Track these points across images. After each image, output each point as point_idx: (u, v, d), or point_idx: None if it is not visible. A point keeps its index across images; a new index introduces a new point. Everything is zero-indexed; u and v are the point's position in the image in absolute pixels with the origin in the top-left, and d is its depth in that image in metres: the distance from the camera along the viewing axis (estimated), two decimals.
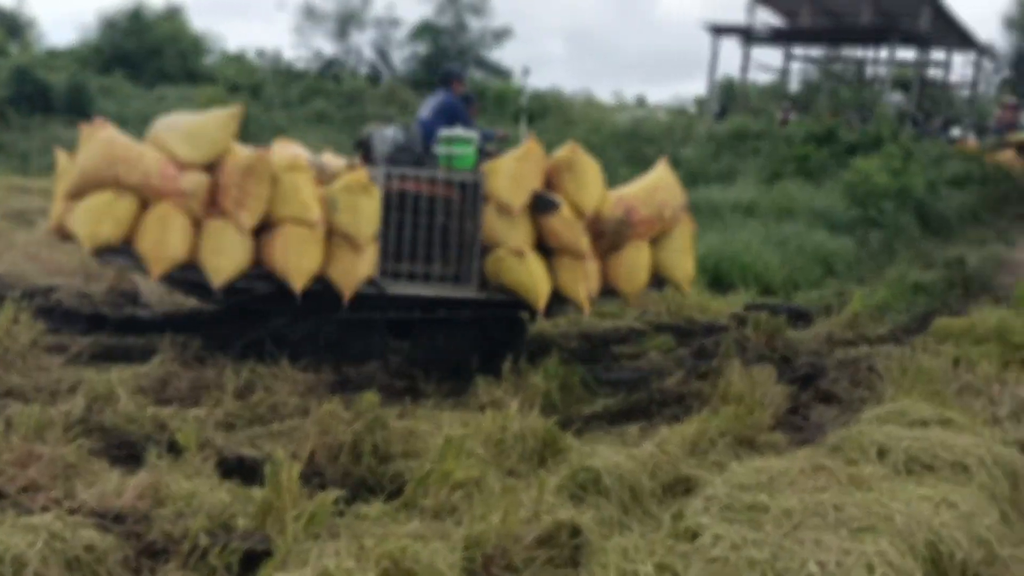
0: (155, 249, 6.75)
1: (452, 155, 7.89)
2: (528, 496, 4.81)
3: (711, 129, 21.80)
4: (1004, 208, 17.42)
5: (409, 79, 31.57)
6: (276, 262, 6.98)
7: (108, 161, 6.72)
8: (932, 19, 25.82)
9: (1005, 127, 21.32)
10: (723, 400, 7.17)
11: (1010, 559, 4.69)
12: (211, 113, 7.30)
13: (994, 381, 8.53)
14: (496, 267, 7.73)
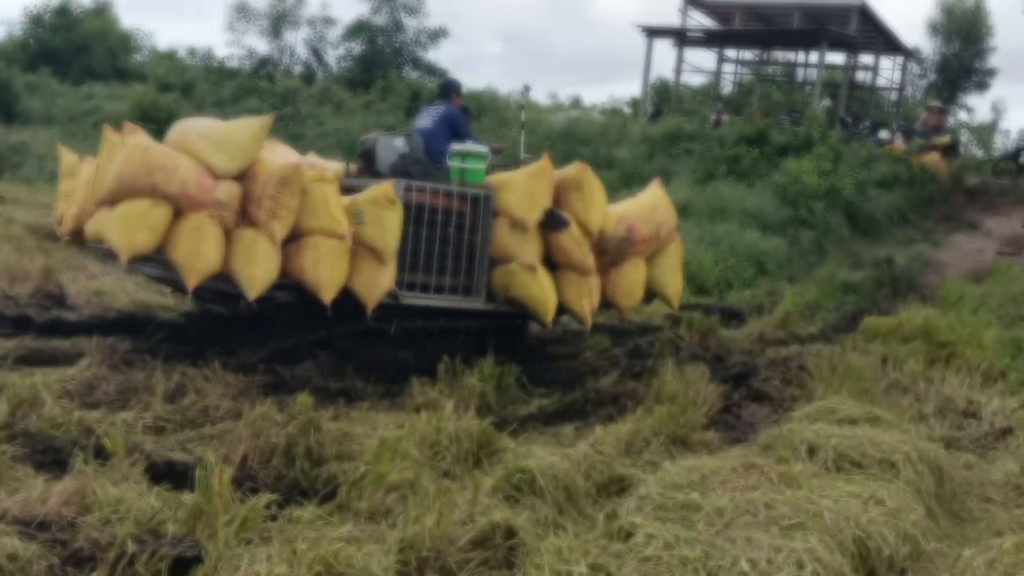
0: (191, 259, 6.66)
1: (465, 169, 8.03)
2: (463, 497, 4.80)
3: (645, 130, 21.96)
4: (930, 209, 17.82)
5: (344, 78, 31.33)
6: (306, 273, 6.96)
7: (146, 169, 6.62)
8: (861, 24, 26.31)
9: (931, 130, 21.79)
10: (657, 399, 7.22)
11: (935, 554, 4.79)
12: (242, 122, 7.20)
13: (920, 379, 8.74)
14: (507, 280, 7.91)
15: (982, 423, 7.68)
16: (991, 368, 9.07)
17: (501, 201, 7.89)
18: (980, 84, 38.73)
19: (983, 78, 38.60)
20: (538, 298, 7.91)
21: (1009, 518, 5.52)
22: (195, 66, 31.83)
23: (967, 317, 10.81)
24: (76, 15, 33.12)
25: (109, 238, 6.66)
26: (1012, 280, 13.33)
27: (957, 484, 5.94)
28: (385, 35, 32.57)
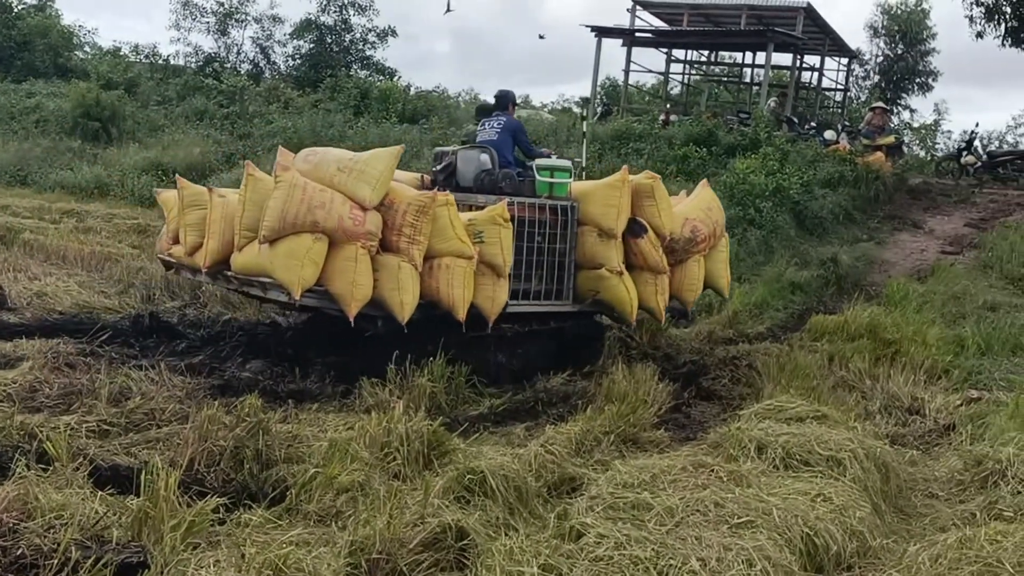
0: (351, 290, 6.97)
1: (554, 183, 8.51)
2: (414, 499, 4.79)
3: (594, 130, 22.00)
4: (875, 209, 18.04)
5: (291, 77, 31.07)
6: (440, 294, 7.33)
7: (307, 207, 6.88)
8: (806, 26, 26.60)
9: (875, 130, 22.04)
10: (608, 399, 7.25)
11: (881, 550, 4.86)
12: (377, 153, 7.44)
13: (866, 376, 8.85)
14: (596, 284, 8.48)
15: (926, 420, 7.80)
16: (935, 365, 9.22)
17: (585, 211, 8.41)
18: (923, 85, 39.33)
19: (926, 79, 39.22)
20: (624, 300, 8.46)
21: (953, 513, 5.61)
22: (139, 63, 31.34)
23: (911, 315, 10.97)
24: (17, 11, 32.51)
25: (278, 275, 6.90)
26: (954, 279, 13.54)
27: (902, 480, 6.03)
28: (333, 34, 32.34)
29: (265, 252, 6.96)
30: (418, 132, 22.01)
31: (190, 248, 7.73)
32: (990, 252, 15.34)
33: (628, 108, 27.78)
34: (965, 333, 10.53)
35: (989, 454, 6.18)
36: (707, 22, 29.24)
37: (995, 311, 11.82)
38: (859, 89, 38.24)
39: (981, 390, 8.71)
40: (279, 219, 6.88)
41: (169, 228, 8.22)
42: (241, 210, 7.20)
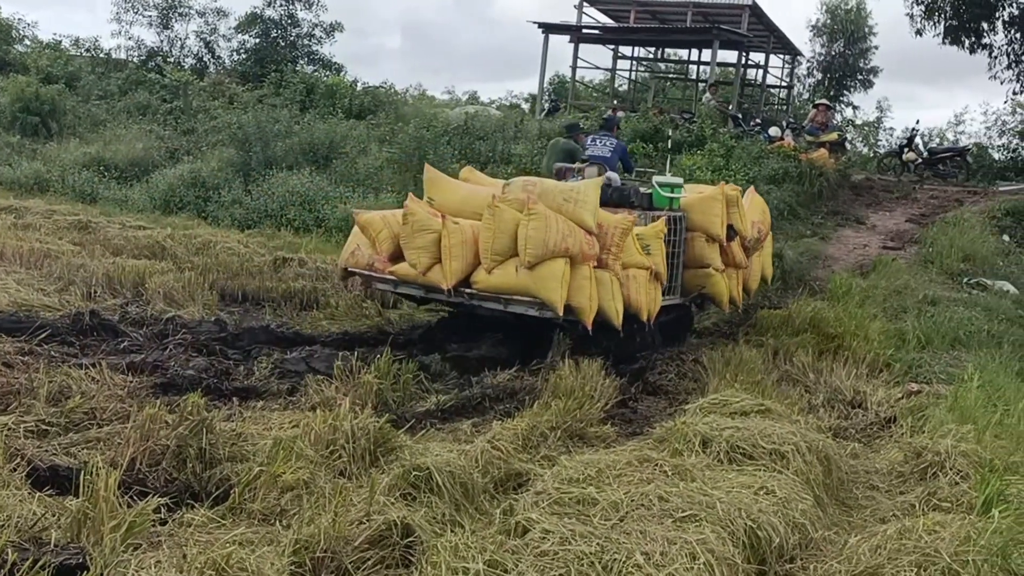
0: (589, 303, 8.08)
1: (673, 197, 9.74)
2: (359, 496, 4.77)
3: (542, 126, 22.04)
4: (818, 204, 18.24)
5: (236, 72, 30.70)
6: (630, 300, 8.47)
7: (561, 235, 7.98)
8: (751, 23, 26.87)
9: (819, 127, 22.27)
10: (554, 394, 7.24)
11: (823, 541, 4.93)
12: (588, 184, 8.67)
13: (810, 370, 8.97)
14: (702, 281, 9.88)
15: (868, 413, 7.92)
16: (876, 359, 9.37)
17: (693, 220, 9.79)
18: (865, 83, 39.92)
19: (867, 77, 39.80)
20: (723, 292, 10.01)
21: (893, 505, 5.71)
22: (80, 57, 30.76)
23: (854, 310, 11.11)
24: None
25: (542, 294, 7.94)
26: (895, 274, 13.75)
27: (844, 473, 6.11)
28: (279, 28, 31.99)
29: (525, 275, 8.02)
30: (365, 128, 21.88)
31: (424, 268, 8.43)
32: (930, 247, 15.61)
33: (576, 104, 27.84)
34: (906, 327, 10.72)
35: (928, 446, 6.30)
36: (654, 19, 29.43)
37: (935, 305, 12.03)
38: (803, 86, 38.71)
39: (921, 383, 8.86)
40: (541, 246, 7.93)
41: (381, 248, 8.87)
42: (491, 238, 8.13)
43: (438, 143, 18.87)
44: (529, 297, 8.05)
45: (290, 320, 9.83)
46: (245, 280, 10.95)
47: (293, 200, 16.37)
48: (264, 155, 18.71)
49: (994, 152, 30.33)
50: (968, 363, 9.17)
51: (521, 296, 8.09)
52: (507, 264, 8.14)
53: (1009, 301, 13.45)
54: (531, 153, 18.90)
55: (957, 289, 13.65)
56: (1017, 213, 18.32)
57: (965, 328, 10.99)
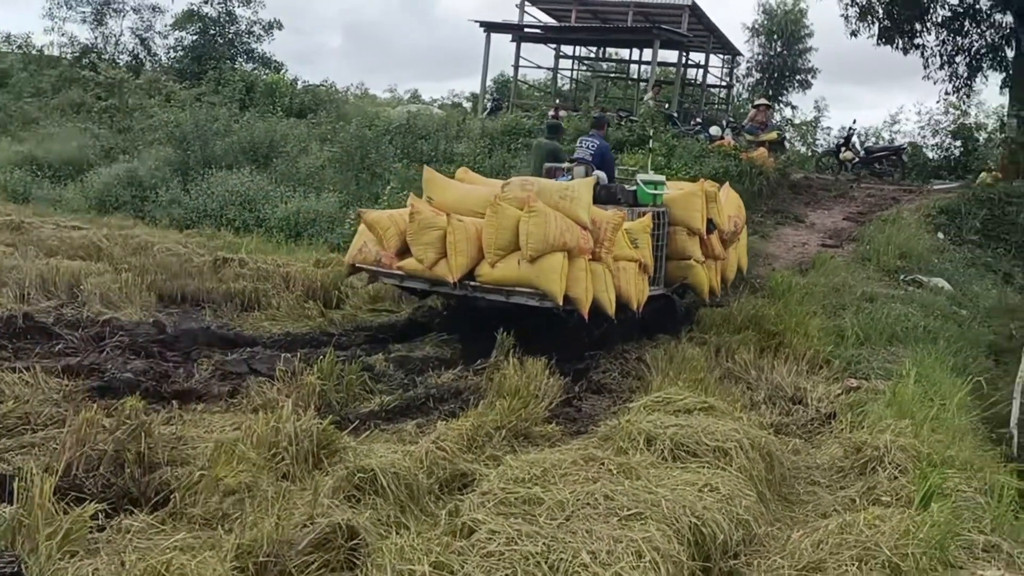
0: (586, 294, 8.59)
1: (656, 194, 10.37)
2: (302, 499, 4.71)
3: (484, 125, 22.03)
4: (758, 203, 18.42)
5: (174, 69, 30.25)
6: (621, 291, 8.99)
7: (559, 231, 8.42)
8: (691, 24, 27.10)
9: (758, 127, 22.51)
10: (499, 394, 7.22)
11: (766, 537, 4.97)
12: (582, 183, 9.23)
13: (752, 367, 9.05)
14: (684, 272, 10.56)
15: (808, 409, 8.01)
16: (816, 356, 9.47)
17: (675, 215, 10.43)
18: (803, 83, 40.46)
19: (805, 77, 40.34)
20: (704, 282, 10.70)
21: (834, 500, 5.78)
22: (11, 54, 30.11)
23: (794, 307, 11.24)
24: None
25: (544, 286, 8.39)
26: (834, 271, 13.94)
27: (786, 469, 6.17)
28: (217, 25, 31.59)
29: (526, 268, 8.44)
30: (306, 127, 21.70)
31: (430, 263, 8.83)
32: (867, 245, 15.86)
33: (518, 103, 27.86)
34: (845, 324, 10.86)
35: (867, 441, 6.38)
36: (595, 19, 29.57)
37: (873, 302, 12.22)
38: (743, 86, 39.14)
39: (860, 379, 8.99)
40: (543, 241, 8.37)
41: (388, 244, 9.23)
42: (495, 233, 8.56)
43: (380, 142, 18.78)
44: (531, 289, 8.50)
45: (231, 321, 9.71)
46: (184, 281, 10.78)
47: (233, 200, 16.18)
48: (203, 154, 18.47)
49: (928, 151, 30.84)
50: (905, 359, 9.32)
51: (523, 288, 8.55)
52: (509, 258, 8.60)
53: (944, 297, 13.72)
54: (473, 152, 18.88)
55: (894, 286, 13.87)
56: (951, 211, 18.68)
57: (902, 324, 11.17)
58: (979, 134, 29.69)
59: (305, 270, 11.49)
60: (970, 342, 11.86)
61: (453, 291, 8.96)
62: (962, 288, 14.78)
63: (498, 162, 18.03)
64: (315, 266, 11.99)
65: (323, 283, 10.95)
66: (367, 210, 10.11)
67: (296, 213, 15.42)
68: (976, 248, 17.58)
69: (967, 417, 8.01)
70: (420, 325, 10.12)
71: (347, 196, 16.44)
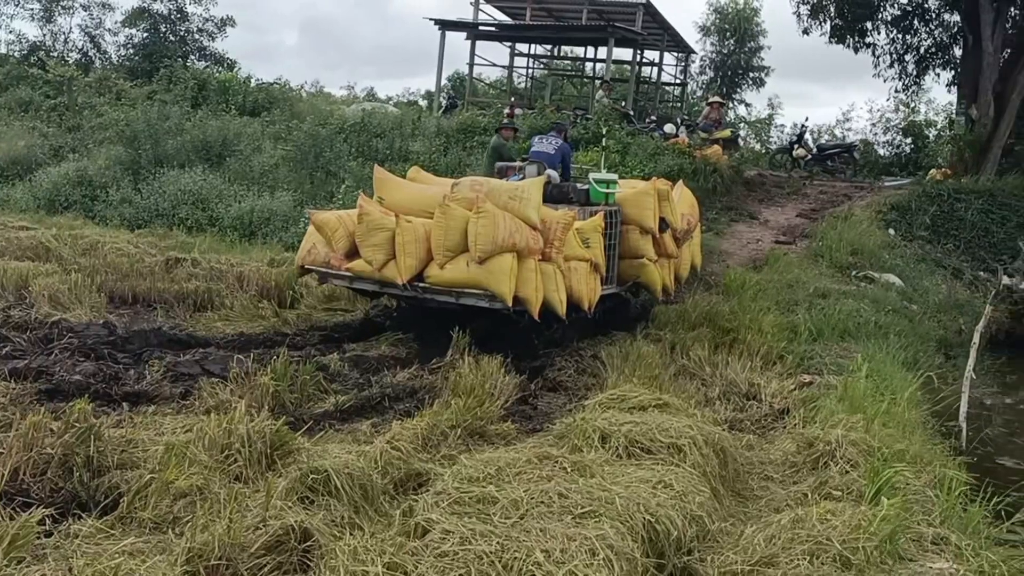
0: (535, 294, 8.54)
1: (608, 193, 10.35)
2: (255, 501, 4.67)
3: (440, 123, 21.97)
4: (712, 200, 18.54)
5: (124, 67, 29.85)
6: (573, 290, 8.96)
7: (509, 232, 8.38)
8: (646, 22, 27.22)
9: (712, 124, 22.66)
10: (454, 393, 7.21)
11: (720, 533, 5.00)
12: (531, 183, 9.21)
13: (706, 364, 9.11)
14: (637, 270, 10.48)
15: (762, 405, 8.08)
16: (770, 352, 9.56)
17: (627, 214, 10.36)
18: (757, 81, 40.86)
19: (758, 75, 40.73)
20: (657, 280, 10.63)
21: (786, 495, 5.83)
22: None
23: (748, 304, 11.35)
24: None
25: (493, 287, 8.32)
26: (787, 268, 14.09)
27: (740, 465, 6.23)
28: (168, 23, 31.24)
29: (475, 269, 8.38)
30: (260, 125, 21.52)
31: (379, 265, 8.75)
32: (820, 241, 16.04)
33: (474, 101, 27.83)
34: (798, 320, 10.98)
35: (820, 436, 6.45)
36: (550, 17, 29.61)
37: (825, 298, 12.36)
38: (696, 84, 39.40)
39: (813, 375, 9.09)
40: (491, 242, 8.30)
41: (337, 246, 9.16)
42: (443, 235, 8.52)
43: (334, 140, 18.67)
44: (480, 290, 8.44)
45: (183, 322, 9.61)
46: (135, 281, 10.64)
47: (185, 199, 16.01)
48: (154, 153, 18.24)
49: (880, 148, 31.30)
50: (857, 354, 9.43)
51: (472, 289, 8.49)
52: (458, 259, 8.53)
53: (895, 293, 13.91)
54: (429, 151, 18.83)
55: (846, 282, 14.04)
56: (901, 208, 18.95)
57: (854, 320, 11.31)
58: (929, 131, 30.16)
59: (259, 270, 11.38)
60: (920, 337, 12.06)
61: (403, 292, 8.91)
62: (913, 284, 15.00)
63: (454, 160, 17.99)
64: (269, 265, 11.89)
65: (277, 283, 10.85)
66: (316, 211, 10.06)
67: (250, 212, 15.29)
68: (926, 244, 17.85)
69: (917, 411, 8.14)
70: (375, 324, 10.06)
71: (301, 195, 16.32)
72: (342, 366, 8.29)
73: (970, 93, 23.53)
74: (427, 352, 8.77)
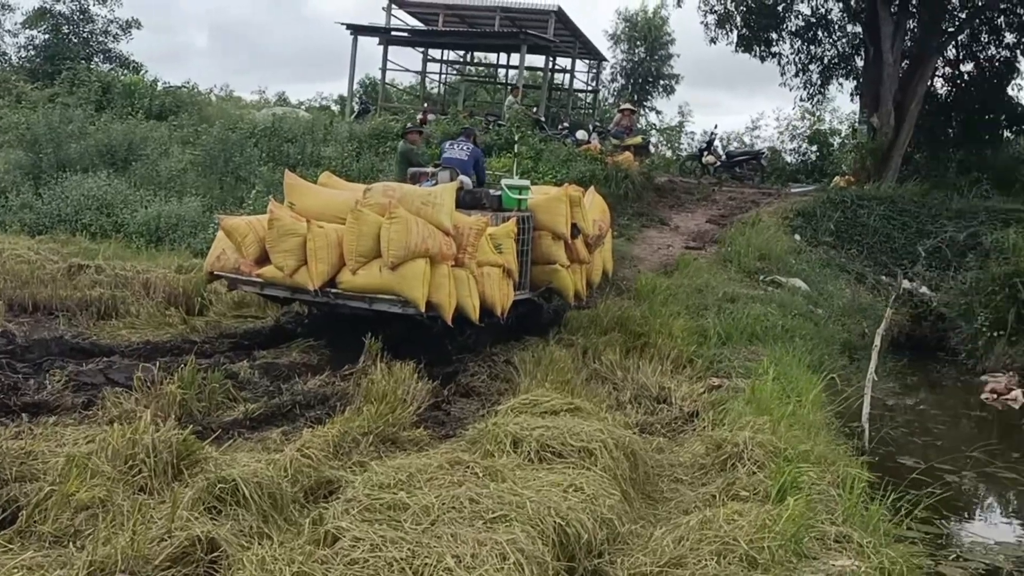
0: (448, 300, 8.57)
1: (521, 199, 10.43)
2: (160, 513, 4.57)
3: (352, 128, 21.83)
4: (624, 206, 18.74)
5: (25, 69, 29.02)
6: (485, 296, 9.04)
7: (421, 237, 8.40)
8: (557, 29, 27.44)
9: (624, 131, 22.92)
10: (366, 399, 7.16)
11: (630, 535, 5.05)
12: (444, 188, 9.21)
13: (618, 368, 9.20)
14: (549, 276, 10.61)
15: (672, 408, 8.20)
16: (680, 355, 9.70)
17: (540, 220, 10.45)
18: (667, 88, 41.48)
19: (669, 83, 41.33)
20: (568, 286, 10.77)
21: (695, 496, 5.92)
22: None
23: (659, 308, 11.49)
24: None
25: (406, 292, 8.34)
26: (697, 273, 14.31)
27: (650, 467, 6.29)
28: (71, 24, 30.48)
29: (388, 275, 8.38)
30: (167, 129, 21.12)
31: (290, 271, 8.64)
32: (729, 247, 16.32)
33: (386, 107, 27.72)
34: (707, 324, 11.16)
35: (728, 438, 6.56)
36: (462, 23, 29.67)
37: (734, 302, 12.58)
38: (608, 91, 39.83)
39: (722, 378, 9.25)
40: (403, 248, 8.31)
41: (247, 252, 9.02)
42: (355, 240, 8.49)
43: (245, 145, 18.42)
44: (393, 295, 8.43)
45: (86, 330, 9.35)
46: (36, 289, 10.33)
47: (89, 204, 15.60)
48: (57, 157, 17.73)
49: (786, 155, 32.08)
50: (764, 357, 9.61)
51: (385, 294, 8.46)
52: (371, 265, 8.50)
53: (801, 297, 14.24)
54: (341, 156, 18.69)
55: (754, 286, 14.32)
56: (807, 214, 19.40)
57: (761, 324, 11.54)
58: (833, 140, 31.01)
59: (167, 276, 11.15)
60: (825, 340, 12.36)
61: (315, 299, 8.83)
62: (818, 288, 15.37)
63: (366, 166, 17.90)
64: (177, 272, 11.64)
65: (185, 289, 10.64)
66: (225, 216, 9.90)
67: (157, 218, 14.98)
68: (831, 249, 18.30)
69: (822, 413, 8.34)
70: (287, 331, 9.94)
71: (211, 200, 16.05)
72: (252, 373, 8.15)
73: (872, 102, 24.24)
74: (339, 358, 8.69)
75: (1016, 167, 25.02)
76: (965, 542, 7.62)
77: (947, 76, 26.70)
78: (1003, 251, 15.92)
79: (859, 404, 9.43)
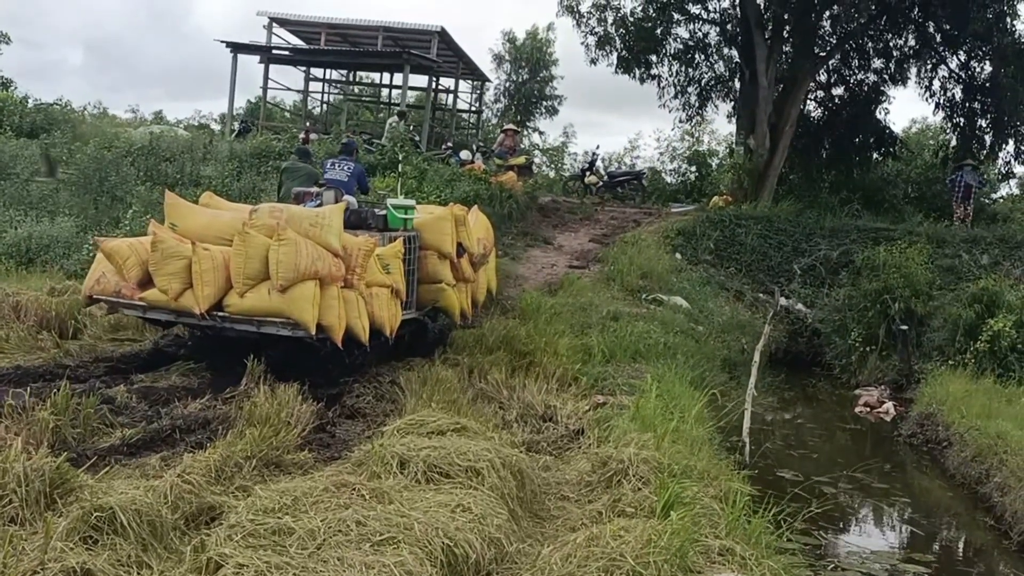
0: (339, 321, 8.47)
1: (407, 219, 10.41)
2: (33, 544, 4.40)
3: (233, 147, 21.46)
4: (509, 225, 18.87)
5: None
6: (375, 316, 8.96)
7: (310, 259, 8.31)
8: (441, 50, 27.50)
9: (507, 151, 23.09)
10: (249, 422, 7.03)
11: (517, 554, 5.07)
12: (332, 209, 9.14)
13: (504, 387, 9.24)
14: (436, 295, 10.63)
15: (558, 426, 8.25)
16: (565, 374, 9.80)
17: (425, 239, 10.49)
18: (550, 109, 41.90)
19: (552, 104, 41.79)
20: (455, 305, 10.83)
21: (582, 513, 5.97)
22: None
23: (543, 327, 11.58)
24: None
25: (296, 315, 8.21)
26: (581, 291, 14.48)
27: (537, 485, 6.33)
28: None
29: (277, 297, 8.25)
30: (39, 147, 20.42)
31: (175, 294, 8.40)
32: (612, 265, 16.56)
33: (268, 126, 27.34)
34: (592, 342, 11.29)
35: (613, 455, 6.65)
36: (345, 42, 29.49)
37: (617, 321, 12.75)
38: (492, 112, 40.06)
39: (607, 395, 9.36)
40: (293, 270, 8.20)
41: (129, 275, 8.70)
42: (243, 263, 8.33)
43: (120, 164, 17.93)
44: (282, 318, 8.31)
45: None
46: None
47: None
48: None
49: (667, 176, 32.69)
50: (648, 374, 9.77)
51: (274, 317, 8.34)
52: (259, 287, 8.36)
53: (682, 315, 14.52)
54: (222, 175, 18.34)
55: (637, 305, 14.54)
56: (687, 233, 19.80)
57: (644, 341, 11.73)
58: (712, 160, 31.74)
59: (38, 299, 10.74)
60: (706, 356, 12.64)
61: (201, 322, 8.61)
62: (698, 305, 15.69)
63: (247, 185, 17.59)
64: (49, 295, 11.22)
65: (59, 312, 10.27)
66: (104, 239, 9.56)
67: (28, 239, 14.43)
68: (710, 267, 18.72)
69: (704, 428, 8.51)
70: (166, 354, 9.69)
71: (85, 220, 15.54)
72: (129, 398, 7.90)
73: (748, 124, 24.93)
74: (220, 381, 8.51)
75: (883, 187, 26.02)
76: (842, 552, 7.89)
77: (819, 99, 27.61)
78: (873, 268, 16.51)
79: (740, 419, 9.67)
